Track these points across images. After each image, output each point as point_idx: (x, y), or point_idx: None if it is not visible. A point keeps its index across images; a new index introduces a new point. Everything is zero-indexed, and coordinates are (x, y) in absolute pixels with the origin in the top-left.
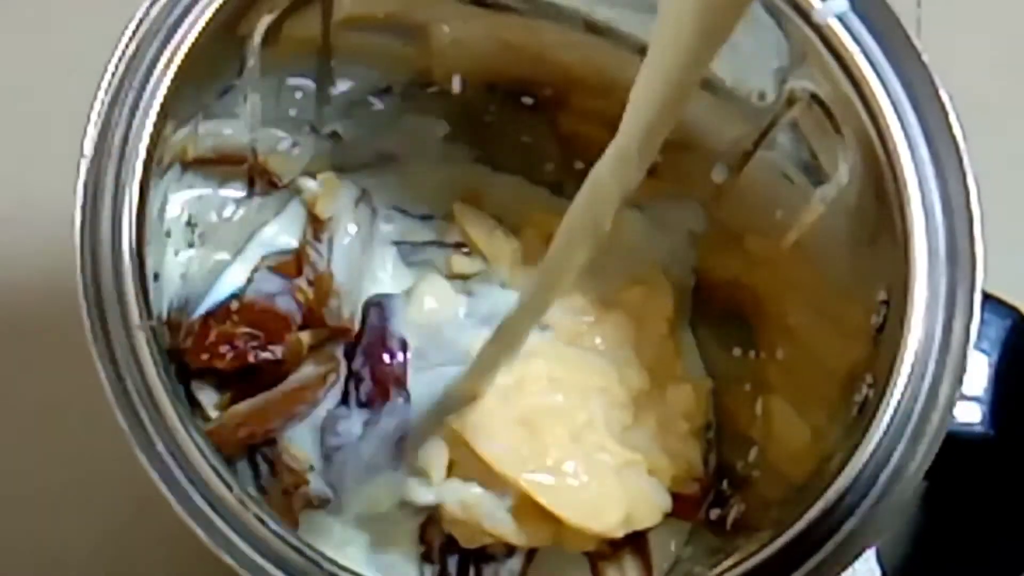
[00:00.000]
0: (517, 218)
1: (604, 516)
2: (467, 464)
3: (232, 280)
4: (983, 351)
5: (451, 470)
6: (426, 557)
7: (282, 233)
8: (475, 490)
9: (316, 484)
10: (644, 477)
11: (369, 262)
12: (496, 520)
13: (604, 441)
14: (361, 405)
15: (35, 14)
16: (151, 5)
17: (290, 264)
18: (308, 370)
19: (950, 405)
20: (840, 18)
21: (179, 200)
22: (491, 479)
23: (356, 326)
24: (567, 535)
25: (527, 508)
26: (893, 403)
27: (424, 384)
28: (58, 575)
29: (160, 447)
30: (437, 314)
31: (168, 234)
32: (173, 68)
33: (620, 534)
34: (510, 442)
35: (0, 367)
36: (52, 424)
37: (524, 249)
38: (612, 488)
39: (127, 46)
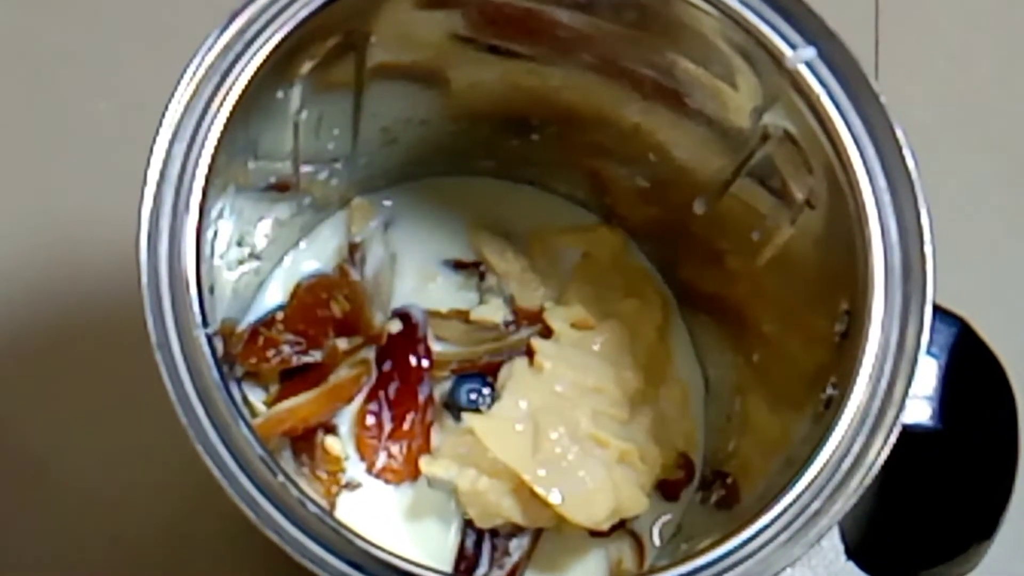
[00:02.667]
0: (531, 228)
1: (594, 511)
2: (478, 455)
3: (274, 292)
4: (933, 355)
5: (465, 459)
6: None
7: (315, 255)
8: (485, 477)
9: (350, 471)
10: (634, 470)
11: (397, 277)
12: (504, 504)
13: (600, 436)
14: (390, 403)
15: (107, 57)
16: (207, 52)
17: (329, 280)
18: (344, 372)
19: (904, 403)
20: (808, 64)
21: (231, 222)
22: (499, 469)
23: (386, 333)
24: (564, 520)
25: (530, 496)
26: (854, 401)
27: None
28: (124, 555)
29: (215, 440)
30: None
31: (221, 253)
32: (225, 108)
33: (606, 527)
34: (516, 439)
35: (72, 372)
36: (120, 422)
37: (532, 265)
38: (603, 484)
39: (186, 87)
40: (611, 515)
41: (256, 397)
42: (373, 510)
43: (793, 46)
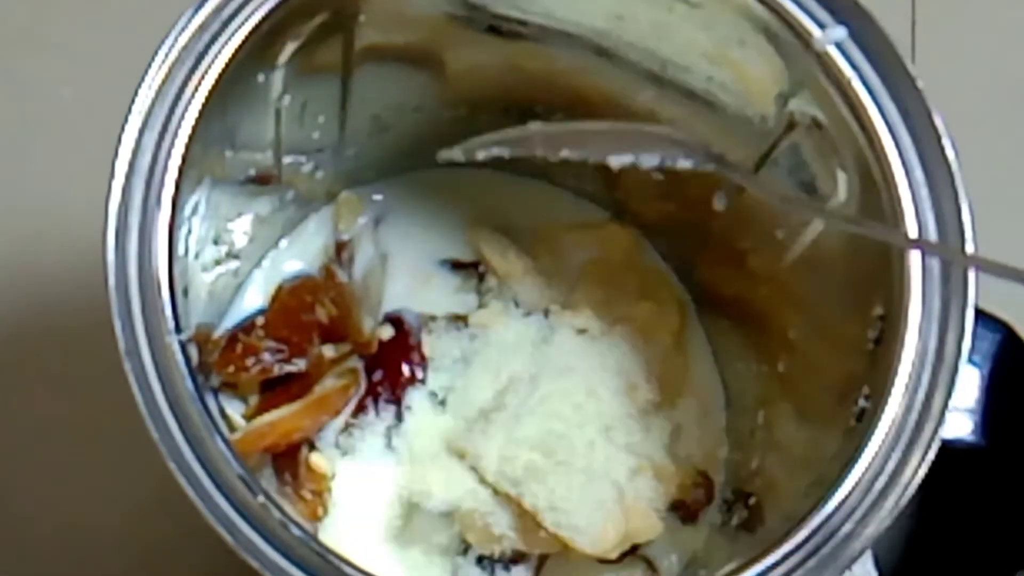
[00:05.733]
0: (536, 225)
1: (602, 536)
2: (476, 474)
3: (254, 295)
4: (975, 364)
5: (463, 478)
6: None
7: (298, 254)
8: (485, 503)
9: (337, 491)
10: (647, 490)
11: (388, 279)
12: (505, 529)
13: (611, 452)
14: (380, 415)
15: (71, 40)
16: (180, 33)
17: (314, 282)
18: (330, 382)
19: (943, 416)
20: (839, 46)
21: (207, 219)
22: (498, 493)
23: (376, 340)
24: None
25: (532, 519)
26: (889, 414)
27: None
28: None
29: (189, 456)
30: None
31: (196, 253)
32: (201, 93)
33: (616, 554)
34: (515, 461)
35: (36, 379)
36: (87, 435)
37: (536, 266)
38: (612, 507)
39: (158, 71)
40: (621, 541)
41: (234, 409)
42: (363, 533)
43: (822, 25)
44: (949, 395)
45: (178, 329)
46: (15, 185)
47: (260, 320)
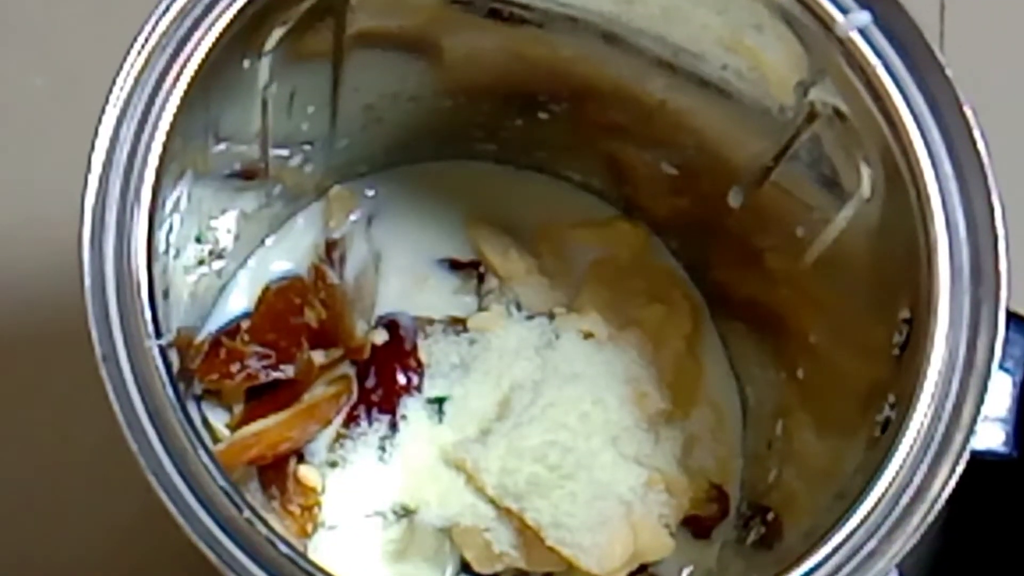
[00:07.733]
0: (539, 222)
1: (608, 554)
2: (475, 489)
3: (239, 297)
4: (1007, 371)
5: (461, 494)
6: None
7: (286, 253)
8: (484, 518)
9: (328, 506)
10: (657, 505)
11: (382, 280)
12: (505, 547)
13: (619, 464)
14: (373, 425)
15: (44, 26)
16: (160, 18)
17: (303, 283)
18: (320, 390)
19: (973, 425)
20: (862, 31)
21: (189, 216)
22: (499, 506)
23: (369, 345)
24: (575, 566)
25: (534, 537)
26: (916, 423)
27: None
28: None
29: (169, 468)
30: None
31: (177, 252)
32: (182, 82)
33: (623, 574)
34: (516, 473)
35: (11, 384)
36: (62, 440)
37: (539, 266)
38: (620, 524)
39: (135, 60)
40: (630, 560)
41: (218, 419)
42: (355, 551)
43: (844, 10)
44: (980, 404)
45: (158, 333)
46: None
47: (245, 324)
